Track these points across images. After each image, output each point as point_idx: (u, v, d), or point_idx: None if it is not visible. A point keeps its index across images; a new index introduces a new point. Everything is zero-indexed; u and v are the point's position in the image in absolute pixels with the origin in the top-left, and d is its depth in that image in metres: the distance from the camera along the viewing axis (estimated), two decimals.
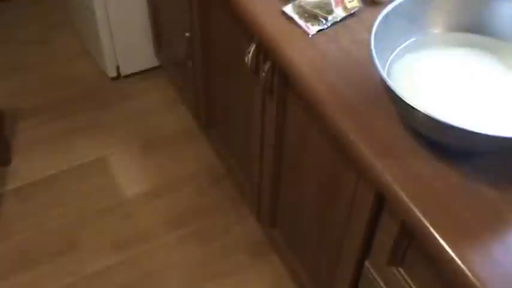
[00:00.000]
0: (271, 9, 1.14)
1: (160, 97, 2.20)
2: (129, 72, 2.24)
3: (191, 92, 1.85)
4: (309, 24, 1.10)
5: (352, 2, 1.13)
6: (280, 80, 1.19)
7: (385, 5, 1.08)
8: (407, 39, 1.01)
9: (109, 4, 1.99)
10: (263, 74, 1.22)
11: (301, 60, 1.04)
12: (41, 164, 1.96)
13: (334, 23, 1.11)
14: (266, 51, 1.18)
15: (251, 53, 1.25)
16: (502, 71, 0.98)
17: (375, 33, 0.91)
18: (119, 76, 2.24)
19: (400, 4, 0.96)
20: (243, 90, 1.46)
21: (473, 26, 1.02)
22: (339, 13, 1.12)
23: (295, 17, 1.11)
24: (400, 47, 1.01)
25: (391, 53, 1.00)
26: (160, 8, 1.94)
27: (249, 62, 1.26)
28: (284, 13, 1.12)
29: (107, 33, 2.07)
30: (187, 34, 1.65)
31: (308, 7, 1.12)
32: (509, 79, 0.97)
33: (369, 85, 1.00)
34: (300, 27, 1.10)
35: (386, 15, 0.94)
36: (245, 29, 1.27)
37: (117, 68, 2.21)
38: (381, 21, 0.93)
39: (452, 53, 1.01)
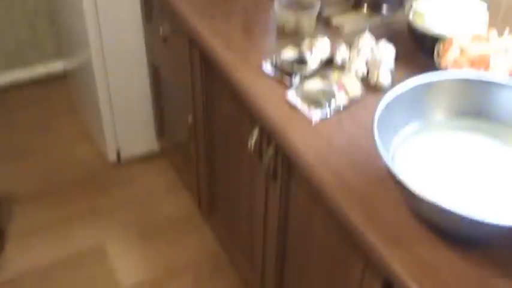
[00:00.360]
0: (275, 95, 1.17)
1: (161, 182, 2.21)
2: (129, 156, 2.26)
3: (193, 176, 1.86)
4: (311, 110, 1.12)
5: (355, 89, 1.16)
6: (284, 165, 1.20)
7: (386, 90, 1.11)
8: (410, 125, 1.03)
9: (112, 89, 2.04)
10: (266, 159, 1.23)
11: (305, 147, 1.06)
12: (36, 252, 1.92)
13: (337, 110, 1.14)
14: (269, 137, 1.20)
15: (254, 138, 1.27)
16: (505, 156, 0.99)
17: (378, 121, 0.93)
18: (119, 160, 2.26)
19: (400, 92, 0.98)
20: (245, 175, 1.46)
21: (474, 112, 1.04)
22: (341, 100, 1.14)
23: (299, 103, 1.14)
24: (404, 132, 1.02)
25: (395, 139, 1.01)
26: (163, 92, 1.99)
27: (252, 146, 1.28)
28: (287, 99, 1.15)
29: (109, 117, 2.11)
30: (190, 118, 1.68)
31: (311, 93, 1.15)
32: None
33: (374, 171, 1.00)
34: (303, 113, 1.13)
35: (388, 104, 0.96)
36: (248, 114, 1.30)
37: (118, 152, 2.23)
38: (382, 110, 0.95)
39: (455, 139, 1.02)
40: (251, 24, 1.39)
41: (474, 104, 1.04)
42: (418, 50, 1.28)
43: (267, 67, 1.23)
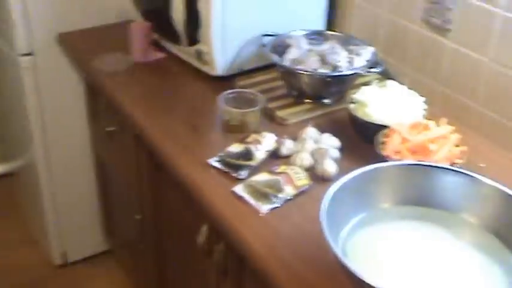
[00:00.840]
0: (223, 190, 1.18)
1: (110, 284, 2.14)
2: (76, 258, 2.20)
3: (142, 276, 1.82)
4: (259, 203, 1.14)
5: (302, 180, 1.19)
6: (235, 261, 1.20)
7: (332, 180, 1.14)
8: (358, 215, 1.05)
9: (57, 188, 2.02)
10: (216, 255, 1.23)
11: (254, 240, 1.06)
12: None
13: (286, 201, 1.16)
14: (218, 232, 1.20)
15: (203, 234, 1.27)
16: (450, 241, 1.02)
17: (326, 212, 0.95)
18: (65, 263, 2.19)
19: (345, 183, 1.01)
20: (197, 273, 1.44)
21: (419, 199, 1.07)
22: (289, 191, 1.17)
23: (246, 197, 1.15)
24: (352, 222, 1.04)
25: (344, 229, 1.03)
26: (110, 189, 1.98)
27: (202, 243, 1.28)
28: (235, 193, 1.17)
29: (53, 217, 2.07)
30: (138, 216, 1.67)
31: (258, 186, 1.17)
32: (458, 249, 1.01)
33: (325, 261, 1.01)
34: (251, 207, 1.14)
35: (334, 194, 0.98)
36: (197, 210, 1.30)
37: (64, 254, 2.17)
38: (329, 201, 0.97)
39: (402, 227, 1.04)
40: (197, 120, 1.42)
41: (418, 192, 1.08)
42: (361, 139, 1.33)
43: (214, 162, 1.25)
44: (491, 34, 1.33)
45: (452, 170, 1.07)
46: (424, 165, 1.08)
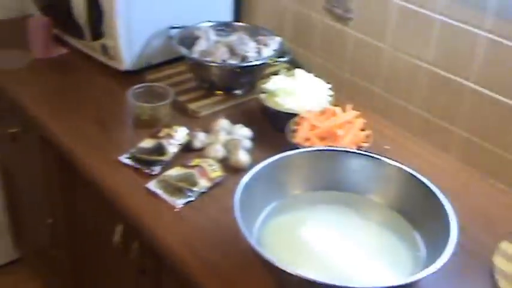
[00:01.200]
0: (135, 186, 1.18)
1: None
2: None
3: (60, 283, 1.78)
4: (174, 198, 1.15)
5: (216, 172, 1.21)
6: (152, 259, 1.20)
7: (246, 171, 1.17)
8: (272, 203, 1.09)
9: None
10: (133, 254, 1.23)
11: (170, 236, 1.07)
12: None
13: (200, 194, 1.17)
14: (133, 231, 1.20)
15: (118, 233, 1.26)
16: (360, 222, 1.08)
17: (239, 203, 0.97)
18: None
19: (257, 172, 1.04)
20: (115, 274, 1.43)
21: (329, 184, 1.12)
22: (203, 184, 1.18)
23: (160, 192, 1.16)
24: (266, 210, 1.07)
25: (258, 218, 1.06)
26: (18, 195, 1.92)
27: (117, 242, 1.27)
28: (148, 189, 1.17)
29: None
30: (49, 220, 1.63)
31: (172, 181, 1.18)
32: (367, 229, 1.06)
33: (241, 252, 1.02)
34: (166, 202, 1.15)
35: (246, 184, 1.01)
36: (110, 209, 1.29)
37: None
38: (242, 189, 0.99)
39: (314, 212, 1.09)
40: (106, 117, 1.40)
41: (328, 177, 1.12)
42: (273, 128, 1.37)
43: (125, 159, 1.24)
44: (388, 22, 1.40)
45: (358, 153, 1.13)
46: (332, 150, 1.13)
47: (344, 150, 1.14)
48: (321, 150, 1.14)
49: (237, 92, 1.50)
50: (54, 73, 1.58)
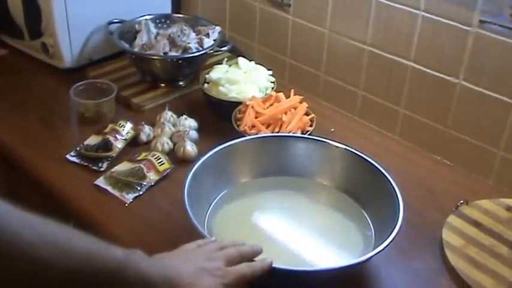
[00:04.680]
0: (84, 184, 1.16)
1: None
2: None
3: None
4: (124, 193, 1.12)
5: (164, 165, 1.19)
6: None
7: (194, 161, 1.15)
8: (221, 192, 1.08)
9: None
10: None
11: (123, 232, 1.05)
12: None
13: (149, 187, 1.15)
14: (85, 228, 1.16)
15: None
16: (310, 205, 1.08)
17: (188, 194, 0.96)
18: None
19: (203, 162, 1.03)
20: None
21: (277, 170, 1.12)
22: (152, 177, 1.16)
23: (109, 188, 1.13)
24: (216, 200, 1.07)
25: (209, 208, 1.05)
26: None
27: None
28: (97, 186, 1.14)
29: None
30: None
31: (120, 176, 1.15)
32: (318, 211, 1.07)
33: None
34: (115, 198, 1.12)
35: (194, 175, 1.00)
36: (59, 209, 1.25)
37: None
38: (190, 180, 0.98)
39: (264, 199, 1.09)
40: (49, 116, 1.36)
41: (276, 163, 1.12)
42: (218, 118, 1.36)
43: (71, 157, 1.21)
44: (326, 6, 1.40)
45: (304, 137, 1.13)
46: (277, 136, 1.13)
47: (289, 136, 1.13)
48: (266, 136, 1.14)
49: (181, 83, 1.48)
50: None
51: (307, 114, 1.29)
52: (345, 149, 1.09)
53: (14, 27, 1.49)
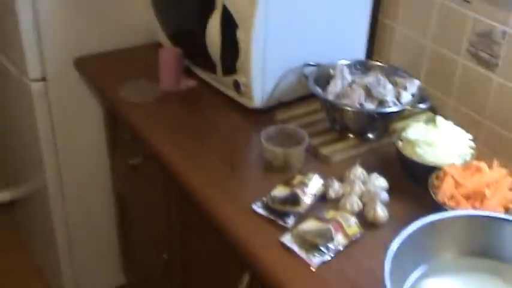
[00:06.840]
0: (269, 238, 1.17)
1: None
2: None
3: None
4: (310, 256, 1.12)
5: (352, 227, 1.18)
6: None
7: (383, 226, 1.13)
8: (419, 269, 1.05)
9: (70, 219, 2.01)
10: None
11: None
12: None
13: (337, 253, 1.14)
14: (263, 285, 1.18)
15: (244, 283, 1.25)
16: None
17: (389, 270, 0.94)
18: None
19: (407, 236, 1.01)
20: None
21: (484, 251, 1.07)
22: (340, 241, 1.15)
23: (295, 248, 1.14)
24: (412, 275, 1.04)
25: (403, 284, 1.02)
26: (131, 223, 1.97)
27: None
28: (283, 244, 1.16)
29: (65, 250, 2.06)
30: (165, 256, 1.66)
31: (308, 236, 1.15)
32: None
33: None
34: (300, 258, 1.12)
35: (396, 249, 0.98)
36: (236, 257, 1.28)
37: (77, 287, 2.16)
38: (392, 257, 0.96)
39: (463, 280, 1.04)
40: (233, 157, 1.41)
41: (482, 243, 1.07)
42: (409, 179, 1.33)
43: (258, 208, 1.24)
44: None
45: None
46: (489, 217, 1.08)
47: (502, 218, 1.08)
48: (478, 216, 1.09)
49: (370, 135, 1.47)
50: (180, 106, 1.59)
51: (511, 189, 1.22)
52: None
53: (208, 61, 1.56)
